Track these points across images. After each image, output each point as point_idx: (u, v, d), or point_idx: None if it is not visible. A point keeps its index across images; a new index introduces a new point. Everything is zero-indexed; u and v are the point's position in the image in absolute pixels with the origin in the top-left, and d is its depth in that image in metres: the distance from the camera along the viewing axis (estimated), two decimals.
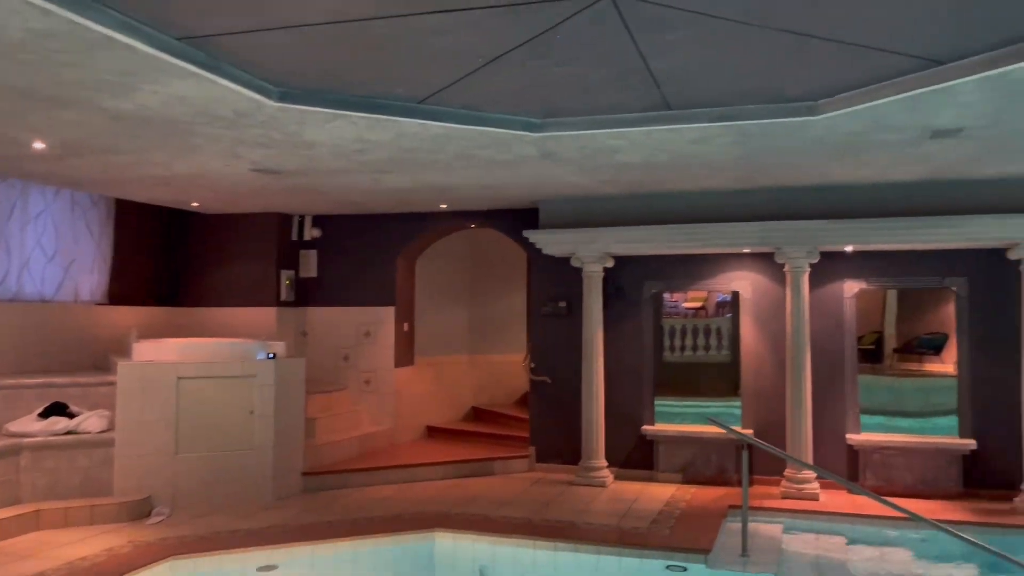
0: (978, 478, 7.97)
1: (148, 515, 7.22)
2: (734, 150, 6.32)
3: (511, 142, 6.07)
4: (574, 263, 8.80)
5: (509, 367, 11.30)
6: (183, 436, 7.65)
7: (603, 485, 8.54)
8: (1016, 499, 7.52)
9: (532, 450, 9.43)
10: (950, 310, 8.31)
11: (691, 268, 9.01)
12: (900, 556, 6.68)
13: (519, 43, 4.17)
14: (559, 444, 9.24)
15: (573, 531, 6.79)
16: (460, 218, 9.88)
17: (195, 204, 9.52)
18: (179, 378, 7.66)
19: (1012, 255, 7.61)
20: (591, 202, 8.58)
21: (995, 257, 7.91)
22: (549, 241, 8.76)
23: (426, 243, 10.63)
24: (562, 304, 9.35)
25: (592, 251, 8.60)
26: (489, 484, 8.70)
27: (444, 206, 9.50)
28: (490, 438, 10.22)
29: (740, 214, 8.10)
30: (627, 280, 9.17)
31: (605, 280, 8.89)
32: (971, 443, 7.99)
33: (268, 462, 7.95)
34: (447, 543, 6.75)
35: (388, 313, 10.17)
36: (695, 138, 5.95)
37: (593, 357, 8.69)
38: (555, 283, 9.37)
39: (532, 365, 9.53)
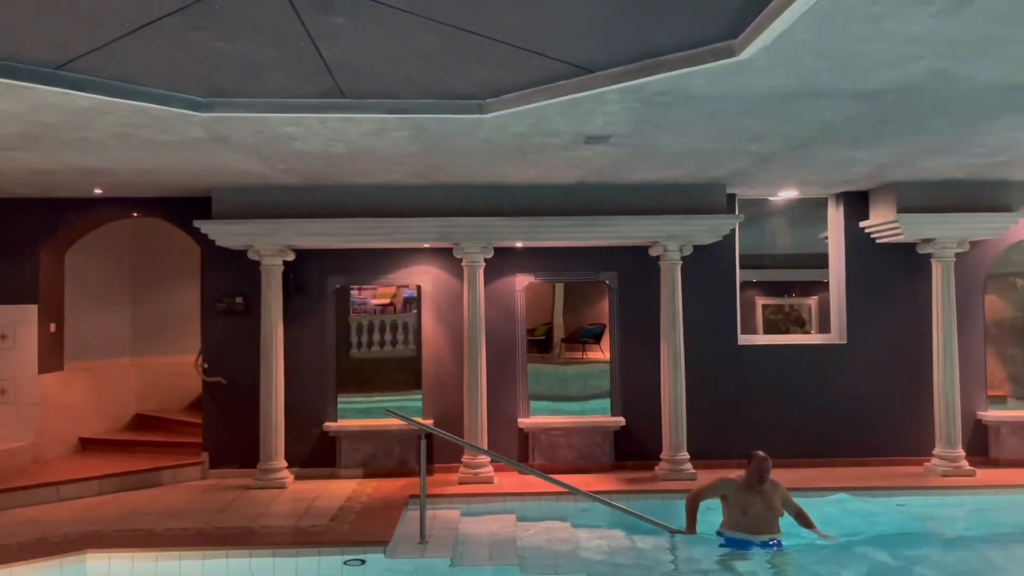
0: (626, 451, 8.93)
1: None
2: (411, 145, 6.40)
3: (174, 122, 5.59)
4: (252, 256, 8.38)
5: (180, 369, 10.43)
6: None
7: (283, 487, 8.24)
8: (656, 468, 8.53)
9: (205, 456, 8.82)
10: (607, 302, 9.21)
11: (375, 263, 9.02)
12: (563, 527, 7.24)
13: (171, 10, 3.82)
14: (236, 448, 8.75)
15: (248, 537, 6.45)
16: (120, 206, 8.92)
17: None
18: None
19: (653, 252, 8.63)
20: (270, 192, 8.22)
21: (640, 254, 8.91)
22: (223, 232, 8.24)
23: (78, 233, 9.43)
24: (239, 300, 8.86)
25: (271, 244, 8.25)
26: (155, 496, 7.98)
27: (99, 192, 8.52)
28: (158, 447, 9.37)
29: (421, 209, 8.25)
30: (309, 274, 8.94)
31: (286, 274, 8.59)
32: (621, 420, 8.94)
33: None
34: (101, 564, 6.05)
35: (29, 312, 8.87)
36: (372, 130, 5.93)
37: (272, 355, 8.34)
38: (231, 278, 8.86)
39: (205, 366, 8.91)
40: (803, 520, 6.67)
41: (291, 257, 8.57)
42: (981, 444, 8.93)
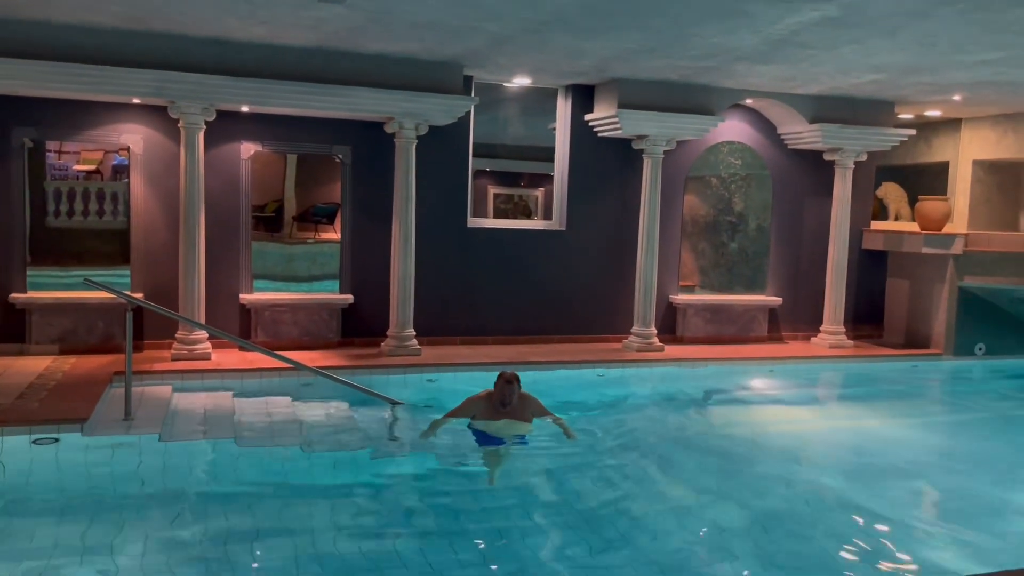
0: (354, 328, 8.94)
1: None
2: None
3: None
4: None
5: None
6: None
7: None
8: (383, 344, 8.65)
9: None
10: (340, 181, 8.94)
11: (75, 116, 7.98)
12: (283, 402, 7.14)
13: None
14: None
15: None
16: None
17: None
18: None
19: (388, 129, 8.46)
20: None
21: (376, 129, 8.70)
22: None
23: None
24: None
25: None
26: None
27: None
28: None
29: (133, 59, 7.36)
30: None
31: None
32: (349, 298, 8.89)
33: None
34: None
35: None
36: None
37: None
38: None
39: None
40: (557, 424, 6.67)
41: None
42: (671, 324, 10.07)
